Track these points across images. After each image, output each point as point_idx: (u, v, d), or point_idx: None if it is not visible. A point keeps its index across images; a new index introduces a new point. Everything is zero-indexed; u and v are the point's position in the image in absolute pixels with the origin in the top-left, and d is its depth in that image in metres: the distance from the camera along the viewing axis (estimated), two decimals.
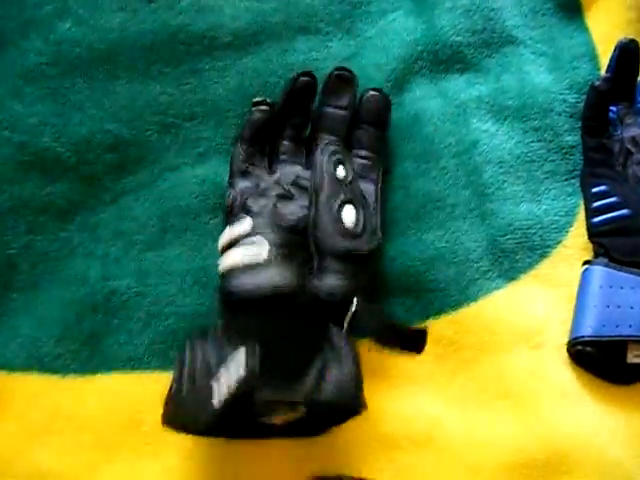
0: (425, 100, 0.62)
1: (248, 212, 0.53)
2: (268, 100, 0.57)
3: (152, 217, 0.59)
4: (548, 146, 0.62)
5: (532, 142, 0.62)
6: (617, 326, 0.54)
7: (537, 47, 0.65)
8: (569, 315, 0.56)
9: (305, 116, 0.58)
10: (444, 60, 0.64)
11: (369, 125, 0.58)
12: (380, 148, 0.59)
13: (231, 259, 0.51)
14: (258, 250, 0.51)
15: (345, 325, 0.50)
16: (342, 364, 0.47)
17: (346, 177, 0.54)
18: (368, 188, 0.56)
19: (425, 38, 0.64)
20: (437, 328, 0.55)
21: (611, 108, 0.62)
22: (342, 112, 0.58)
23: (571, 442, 0.52)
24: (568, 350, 0.56)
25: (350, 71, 0.58)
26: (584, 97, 0.62)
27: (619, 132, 0.61)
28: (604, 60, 0.64)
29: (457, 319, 0.56)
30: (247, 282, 0.50)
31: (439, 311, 0.56)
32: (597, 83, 0.61)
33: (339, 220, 0.52)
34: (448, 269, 0.57)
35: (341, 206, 0.53)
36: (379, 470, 0.52)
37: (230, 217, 0.54)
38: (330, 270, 0.51)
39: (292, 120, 0.58)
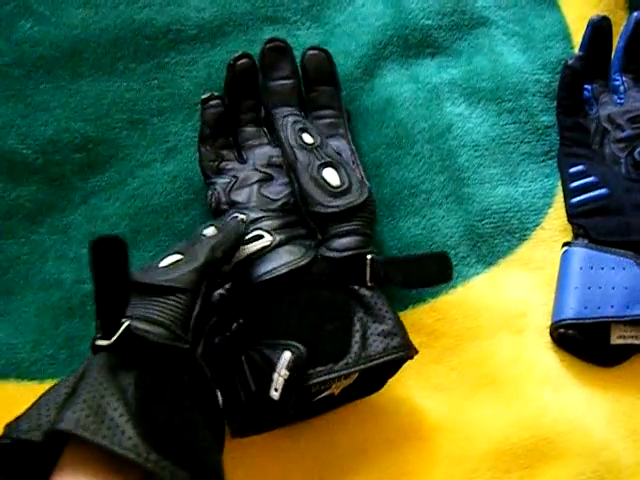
0: (397, 85, 0.62)
1: (236, 206, 0.53)
2: (216, 94, 0.57)
3: (124, 217, 0.58)
4: (523, 127, 0.61)
5: (507, 124, 0.61)
6: (599, 307, 0.53)
7: (509, 27, 0.64)
8: (550, 298, 0.56)
9: (255, 97, 0.58)
10: (414, 44, 0.63)
11: (319, 84, 0.58)
12: (338, 103, 0.58)
13: (236, 255, 0.50)
14: (260, 242, 0.50)
15: (368, 281, 0.49)
16: (380, 317, 0.48)
17: (314, 142, 0.53)
18: (340, 145, 0.56)
19: (394, 23, 0.63)
20: (417, 317, 0.55)
21: (586, 87, 0.62)
22: (287, 82, 0.57)
23: (557, 426, 0.52)
24: (551, 333, 0.55)
25: (281, 40, 0.58)
26: (558, 76, 0.62)
27: (595, 111, 0.61)
28: (577, 38, 0.63)
29: (437, 307, 0.55)
30: (260, 270, 0.49)
31: (418, 299, 0.56)
32: (571, 62, 0.60)
33: (324, 184, 0.51)
34: None
35: (320, 170, 0.52)
36: (364, 466, 0.51)
37: (220, 217, 0.54)
38: (336, 234, 0.50)
39: (244, 105, 0.57)
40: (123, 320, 0.36)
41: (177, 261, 0.43)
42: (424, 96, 0.61)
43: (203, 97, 0.56)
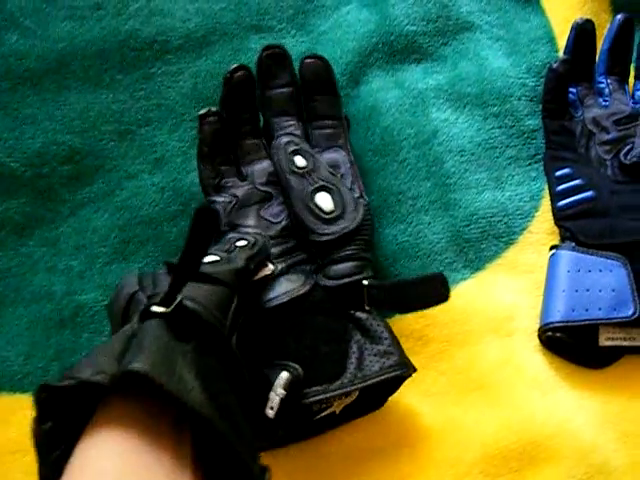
0: (382, 92, 0.62)
1: (236, 229, 0.53)
2: (213, 109, 0.55)
3: (113, 228, 0.58)
4: (509, 131, 0.61)
5: (493, 128, 0.61)
6: (587, 310, 0.53)
7: (494, 32, 0.64)
8: (538, 301, 0.56)
9: (253, 108, 0.57)
10: (400, 50, 0.63)
11: (317, 93, 0.57)
12: (338, 112, 0.57)
13: None
14: (262, 271, 0.50)
15: (366, 305, 0.50)
16: (376, 338, 0.49)
17: (307, 165, 0.53)
18: (338, 157, 0.55)
19: (379, 29, 0.63)
20: (405, 323, 0.55)
21: (571, 90, 0.62)
22: (285, 90, 0.56)
23: (546, 429, 0.52)
24: (539, 336, 0.55)
25: (279, 46, 0.56)
26: (543, 80, 0.62)
27: (580, 113, 0.61)
28: (561, 42, 0.63)
29: (425, 312, 0.55)
30: (261, 298, 0.49)
31: None
32: (555, 65, 0.60)
33: (316, 210, 0.51)
34: (412, 263, 0.57)
35: (313, 196, 0.52)
36: (355, 473, 0.51)
37: (220, 237, 0.53)
38: (332, 260, 0.51)
39: (242, 117, 0.56)
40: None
41: (216, 261, 0.44)
42: (410, 102, 0.61)
43: (200, 113, 0.55)
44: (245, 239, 0.49)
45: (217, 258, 0.44)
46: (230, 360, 0.40)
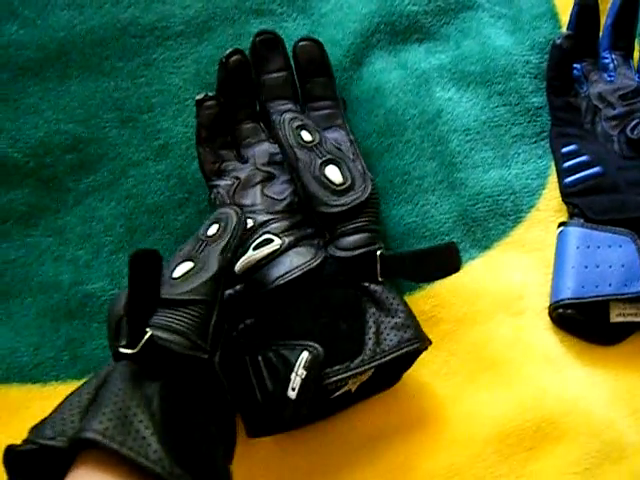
0: (385, 73, 0.61)
1: (242, 210, 0.51)
2: (210, 94, 0.56)
3: (119, 217, 0.58)
4: (514, 109, 0.61)
5: (497, 106, 0.61)
6: (597, 286, 0.53)
7: (496, 9, 0.64)
8: (548, 279, 0.56)
9: (250, 92, 0.57)
10: (402, 31, 0.63)
11: (312, 75, 0.57)
12: (333, 93, 0.57)
13: (246, 261, 0.50)
14: (270, 247, 0.50)
15: (379, 276, 0.49)
16: (392, 311, 0.48)
17: (313, 139, 0.52)
18: (338, 136, 0.55)
19: (381, 10, 0.63)
20: (414, 303, 0.54)
21: (575, 66, 0.61)
22: (280, 74, 0.57)
23: (559, 407, 0.52)
24: (549, 314, 0.55)
25: (271, 32, 0.57)
26: (547, 57, 0.61)
27: (585, 89, 0.61)
28: (564, 18, 0.63)
29: (433, 293, 0.55)
30: (273, 274, 0.49)
31: (414, 286, 0.55)
32: (559, 41, 0.60)
33: (327, 182, 0.50)
34: (419, 244, 0.57)
35: (322, 169, 0.51)
36: (369, 454, 0.51)
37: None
38: (344, 232, 0.50)
39: (239, 102, 0.57)
40: (146, 329, 0.37)
41: (189, 270, 0.43)
42: (413, 82, 0.61)
43: (197, 98, 0.55)
44: (217, 221, 0.46)
45: (190, 266, 0.43)
46: (212, 381, 0.40)
